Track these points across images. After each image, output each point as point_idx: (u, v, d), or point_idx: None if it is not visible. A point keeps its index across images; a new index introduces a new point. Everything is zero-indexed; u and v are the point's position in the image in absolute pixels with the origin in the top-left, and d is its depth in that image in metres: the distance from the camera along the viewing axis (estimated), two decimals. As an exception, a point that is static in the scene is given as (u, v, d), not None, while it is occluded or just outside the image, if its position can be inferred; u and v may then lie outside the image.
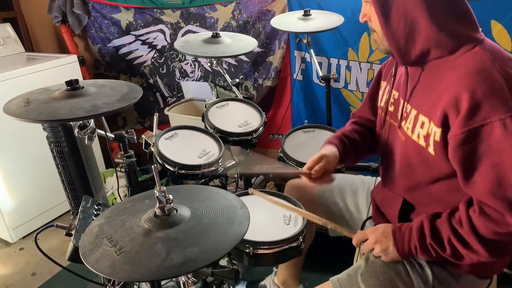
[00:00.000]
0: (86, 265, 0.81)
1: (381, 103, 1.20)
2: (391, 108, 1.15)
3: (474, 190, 0.91)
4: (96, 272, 0.79)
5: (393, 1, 0.91)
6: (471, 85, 0.86)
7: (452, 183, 0.97)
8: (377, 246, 1.06)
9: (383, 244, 1.05)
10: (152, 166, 0.94)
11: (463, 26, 0.92)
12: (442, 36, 0.91)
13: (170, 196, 0.89)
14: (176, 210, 0.91)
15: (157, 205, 0.88)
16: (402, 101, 1.08)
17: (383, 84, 1.22)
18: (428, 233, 0.97)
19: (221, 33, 1.91)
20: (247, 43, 1.94)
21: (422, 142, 0.99)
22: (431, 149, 0.97)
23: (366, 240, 1.09)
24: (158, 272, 0.77)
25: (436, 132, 0.94)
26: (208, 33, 1.92)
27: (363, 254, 1.14)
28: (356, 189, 1.40)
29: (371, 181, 1.40)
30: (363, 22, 1.04)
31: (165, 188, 0.89)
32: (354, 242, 1.12)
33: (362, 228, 1.29)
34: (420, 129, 0.99)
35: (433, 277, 1.06)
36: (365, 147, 1.30)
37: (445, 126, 0.91)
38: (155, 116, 1.64)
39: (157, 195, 0.87)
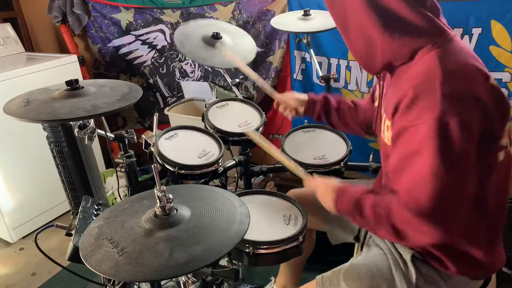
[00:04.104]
0: (89, 267, 0.81)
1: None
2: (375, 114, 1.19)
3: (394, 184, 0.95)
4: (100, 274, 0.79)
5: (349, 17, 0.95)
6: (413, 85, 0.88)
7: None
8: (320, 193, 1.14)
9: (325, 196, 1.11)
10: (152, 166, 0.94)
11: (418, 32, 0.92)
12: (396, 45, 0.93)
13: (170, 196, 0.89)
14: (176, 210, 0.91)
15: (158, 204, 0.88)
16: (377, 107, 1.13)
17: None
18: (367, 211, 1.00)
19: (221, 33, 1.91)
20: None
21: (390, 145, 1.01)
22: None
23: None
24: (162, 271, 0.77)
25: (388, 126, 0.98)
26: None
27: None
28: None
29: (368, 184, 1.40)
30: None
31: (165, 187, 0.89)
32: (304, 184, 1.23)
33: (359, 231, 1.30)
34: (387, 132, 1.01)
35: (417, 275, 1.06)
36: (345, 118, 1.42)
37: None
38: (155, 116, 1.64)
39: (158, 194, 0.87)
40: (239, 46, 1.82)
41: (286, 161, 1.31)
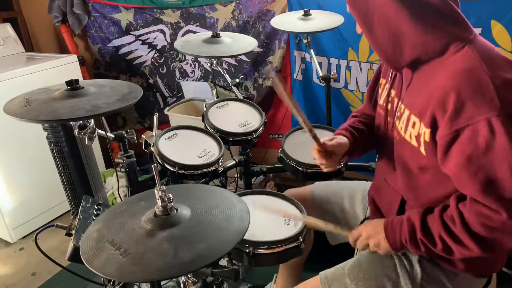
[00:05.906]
0: (93, 270, 0.81)
1: (380, 100, 1.19)
2: (389, 107, 1.15)
3: (466, 190, 0.91)
4: (105, 276, 0.79)
5: (373, 12, 0.91)
6: (457, 85, 0.85)
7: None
8: (370, 241, 1.08)
9: (375, 238, 1.06)
10: (153, 166, 0.94)
11: (450, 24, 0.90)
12: (428, 38, 0.90)
13: (171, 195, 0.89)
14: (177, 210, 0.91)
15: (159, 204, 0.88)
16: (396, 100, 1.08)
17: (383, 81, 1.21)
18: (418, 228, 0.97)
19: (221, 33, 1.91)
20: (247, 43, 1.94)
21: (414, 142, 0.99)
22: (422, 149, 0.97)
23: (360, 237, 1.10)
24: (168, 270, 0.78)
25: (425, 132, 0.93)
26: (208, 33, 1.92)
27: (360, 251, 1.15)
28: (353, 193, 1.40)
29: (367, 185, 1.40)
30: (360, 34, 1.03)
31: (165, 187, 0.89)
32: (350, 241, 1.14)
33: None
34: (412, 129, 0.99)
35: (422, 275, 1.06)
36: (372, 137, 1.29)
37: (433, 126, 0.91)
38: (155, 116, 1.64)
39: (159, 194, 0.88)
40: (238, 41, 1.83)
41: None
